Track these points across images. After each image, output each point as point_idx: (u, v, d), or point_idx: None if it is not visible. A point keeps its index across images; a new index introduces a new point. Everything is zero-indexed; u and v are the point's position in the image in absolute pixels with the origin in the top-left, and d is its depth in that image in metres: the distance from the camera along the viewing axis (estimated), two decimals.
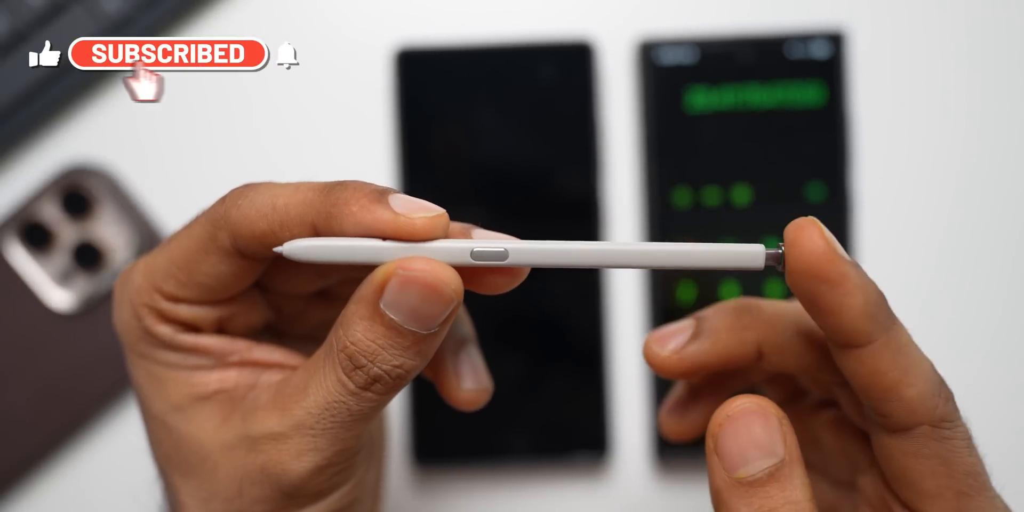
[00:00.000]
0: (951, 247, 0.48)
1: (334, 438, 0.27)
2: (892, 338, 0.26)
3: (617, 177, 0.48)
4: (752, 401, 0.27)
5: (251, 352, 0.30)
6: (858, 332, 0.26)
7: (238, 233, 0.28)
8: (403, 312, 0.26)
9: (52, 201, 0.47)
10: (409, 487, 0.48)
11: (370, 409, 0.27)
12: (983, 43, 0.48)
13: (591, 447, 0.47)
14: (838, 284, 0.26)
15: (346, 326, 0.27)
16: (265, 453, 0.28)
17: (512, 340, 0.48)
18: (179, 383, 0.30)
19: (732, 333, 0.31)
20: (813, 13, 0.48)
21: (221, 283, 0.29)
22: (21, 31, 0.46)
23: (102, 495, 0.48)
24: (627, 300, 0.48)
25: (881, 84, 0.48)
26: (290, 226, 0.27)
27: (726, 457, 0.27)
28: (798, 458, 0.27)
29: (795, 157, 0.47)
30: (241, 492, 0.29)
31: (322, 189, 0.27)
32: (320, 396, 0.27)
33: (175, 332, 0.30)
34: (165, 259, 0.29)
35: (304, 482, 0.28)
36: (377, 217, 0.26)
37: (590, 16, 0.48)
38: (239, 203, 0.28)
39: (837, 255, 0.26)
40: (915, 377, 0.26)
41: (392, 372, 0.27)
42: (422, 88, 0.47)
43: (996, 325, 0.48)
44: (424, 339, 0.27)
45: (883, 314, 0.26)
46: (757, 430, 0.26)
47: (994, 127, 0.48)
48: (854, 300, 0.26)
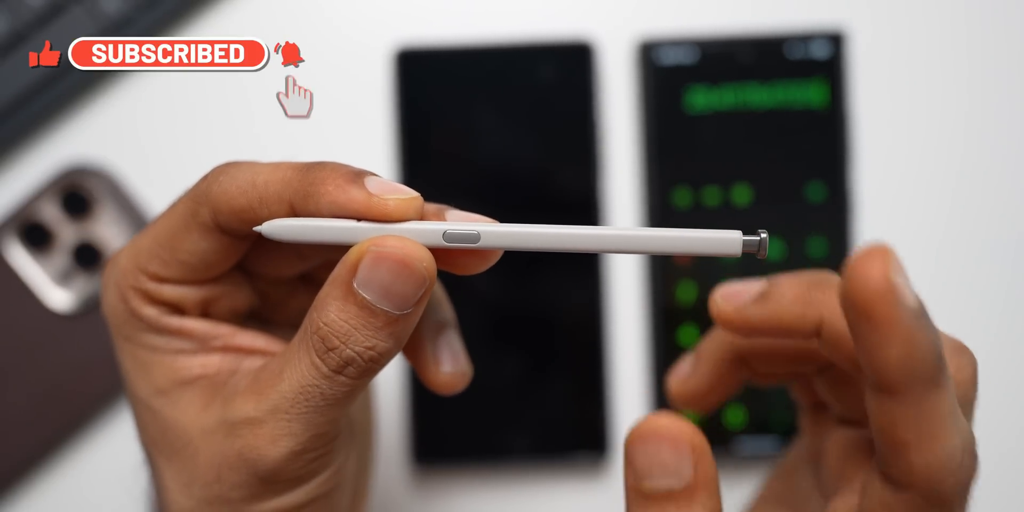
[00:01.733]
0: (951, 247, 0.48)
1: (308, 423, 0.27)
2: (924, 401, 0.24)
3: (617, 177, 0.48)
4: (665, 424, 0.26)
5: (234, 337, 0.31)
6: (886, 380, 0.24)
7: (218, 208, 0.28)
8: (375, 291, 0.26)
9: (52, 201, 0.47)
10: (409, 487, 0.48)
11: (344, 394, 0.27)
12: (983, 43, 0.48)
13: (591, 447, 0.47)
14: (882, 328, 0.24)
15: (320, 308, 0.27)
16: (242, 438, 0.28)
17: (512, 340, 0.48)
18: (163, 367, 0.30)
19: (797, 304, 0.30)
20: (813, 13, 0.48)
21: (203, 261, 0.29)
22: (21, 31, 0.46)
23: (102, 495, 0.48)
24: (627, 300, 0.48)
25: (881, 84, 0.48)
26: (268, 203, 0.27)
27: (635, 468, 0.27)
28: (706, 483, 0.26)
29: (795, 157, 0.47)
30: (220, 477, 0.29)
31: (301, 168, 0.27)
32: (294, 380, 0.27)
33: (160, 314, 0.30)
34: (149, 239, 0.29)
35: (280, 467, 0.28)
36: (351, 197, 0.26)
37: (590, 16, 0.48)
38: (220, 179, 0.28)
39: (895, 297, 0.24)
40: (931, 450, 0.25)
41: (364, 354, 0.27)
42: (422, 88, 0.47)
43: (996, 325, 0.48)
44: (397, 320, 0.26)
45: (925, 373, 0.24)
46: (665, 454, 0.26)
47: (994, 127, 0.48)
48: (892, 350, 0.24)
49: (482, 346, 0.47)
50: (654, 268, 0.47)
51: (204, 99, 0.48)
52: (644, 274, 0.48)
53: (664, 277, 0.47)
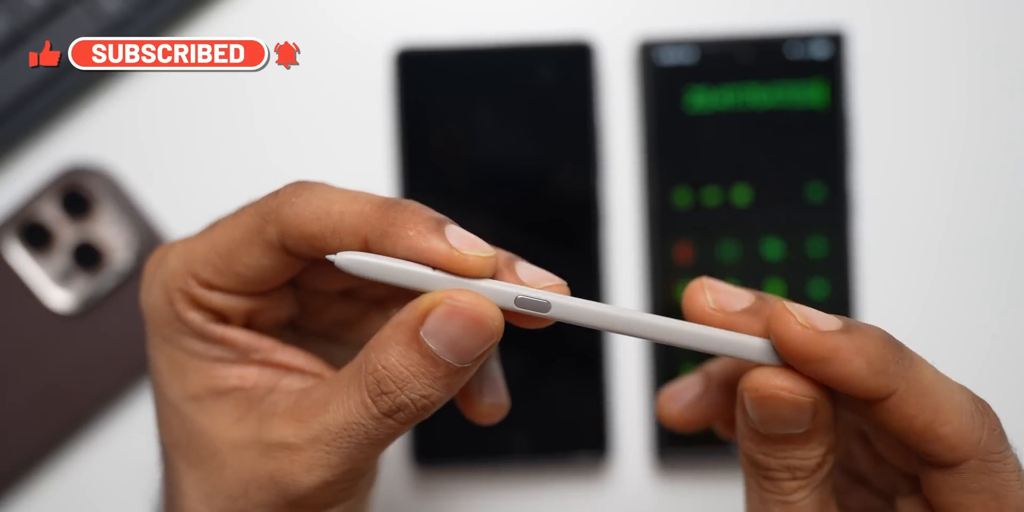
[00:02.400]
0: (951, 247, 0.48)
1: (346, 457, 0.28)
2: (913, 382, 0.26)
3: (617, 177, 0.48)
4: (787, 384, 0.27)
5: (275, 353, 0.30)
6: (873, 390, 0.26)
7: (287, 231, 0.28)
8: (442, 342, 0.26)
9: (52, 201, 0.47)
10: (409, 487, 0.48)
11: (387, 436, 0.28)
12: (983, 43, 0.48)
13: (591, 447, 0.47)
14: (832, 360, 0.25)
15: (380, 349, 0.27)
16: (276, 461, 0.28)
17: (512, 340, 0.47)
18: (199, 373, 0.30)
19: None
20: (813, 13, 0.48)
21: (260, 276, 0.29)
22: (21, 31, 0.46)
23: (102, 495, 0.48)
24: (627, 300, 0.48)
25: (881, 84, 0.48)
26: (341, 234, 0.27)
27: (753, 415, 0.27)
28: (825, 425, 0.27)
29: (795, 157, 0.47)
30: (246, 493, 0.29)
31: (380, 204, 0.27)
32: (340, 415, 0.27)
33: (205, 320, 0.30)
34: (206, 245, 0.29)
35: (310, 494, 0.28)
36: (432, 247, 0.27)
37: (590, 16, 0.48)
38: (293, 201, 0.28)
39: (817, 334, 0.26)
40: (948, 414, 0.26)
41: (418, 402, 0.27)
42: (422, 88, 0.47)
43: (997, 325, 0.48)
44: (457, 372, 0.27)
45: (894, 364, 0.26)
46: (786, 412, 0.27)
47: (994, 127, 0.48)
48: (854, 367, 0.25)
49: None
50: (654, 268, 0.47)
51: (204, 99, 0.48)
52: (644, 274, 0.48)
53: (664, 277, 0.47)
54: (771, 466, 0.28)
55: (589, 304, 0.27)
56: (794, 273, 0.47)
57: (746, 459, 0.28)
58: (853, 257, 0.47)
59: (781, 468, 0.28)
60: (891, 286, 0.48)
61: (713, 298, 0.29)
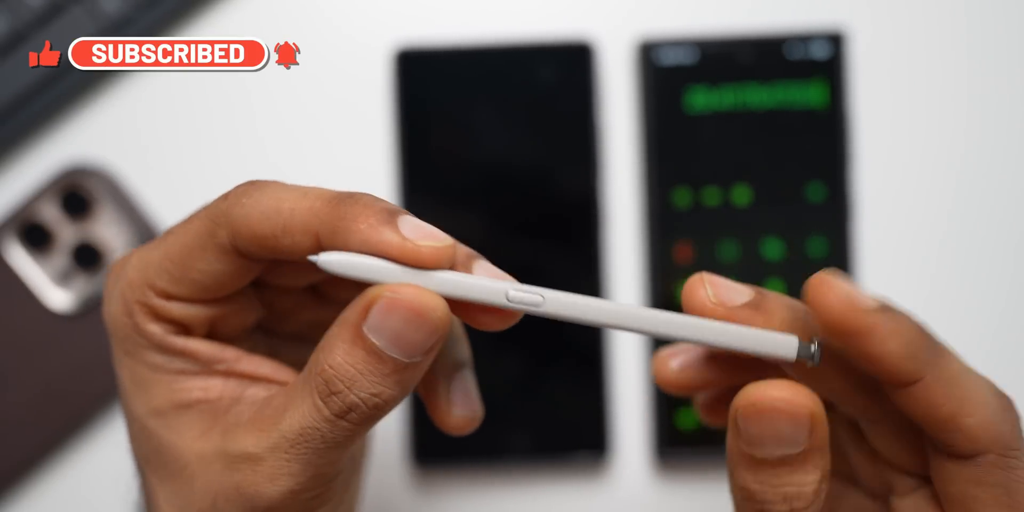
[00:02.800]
0: (951, 247, 0.48)
1: (308, 464, 0.27)
2: (942, 371, 0.25)
3: (617, 177, 0.48)
4: (785, 395, 0.26)
5: (239, 363, 0.30)
6: (903, 374, 0.25)
7: (238, 232, 0.27)
8: (386, 337, 0.25)
9: (51, 201, 0.47)
10: (409, 487, 0.48)
11: (345, 438, 0.27)
12: (983, 43, 0.48)
13: (591, 447, 0.47)
14: (868, 335, 0.25)
15: (326, 349, 0.26)
16: (240, 472, 0.27)
17: (512, 340, 0.48)
18: (162, 386, 0.29)
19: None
20: (813, 13, 0.48)
21: (216, 281, 0.28)
22: (20, 31, 0.46)
23: (102, 495, 0.48)
24: (627, 300, 0.48)
25: (881, 84, 0.48)
26: (292, 232, 0.26)
27: (746, 436, 0.26)
28: (821, 447, 0.26)
29: (795, 157, 0.47)
30: (215, 506, 0.28)
31: (331, 199, 0.26)
32: (295, 420, 0.27)
33: (165, 333, 0.29)
34: (160, 254, 0.28)
35: (277, 505, 0.27)
36: (384, 239, 0.26)
37: (590, 16, 0.48)
38: (243, 202, 0.27)
39: (859, 308, 0.25)
40: (973, 406, 0.26)
41: (369, 401, 0.26)
42: (422, 88, 0.47)
43: (996, 325, 0.48)
44: (405, 368, 0.26)
45: (926, 350, 0.25)
46: (783, 426, 0.26)
47: (994, 127, 0.48)
48: (890, 346, 0.25)
49: (482, 346, 0.47)
50: (654, 268, 0.47)
51: (204, 99, 0.48)
52: (644, 274, 0.48)
53: (664, 277, 0.47)
54: (767, 498, 0.26)
55: (583, 298, 0.26)
56: (794, 273, 0.47)
57: (739, 493, 0.27)
58: (853, 257, 0.47)
59: (778, 499, 0.26)
60: (891, 286, 0.48)
61: (713, 292, 0.28)
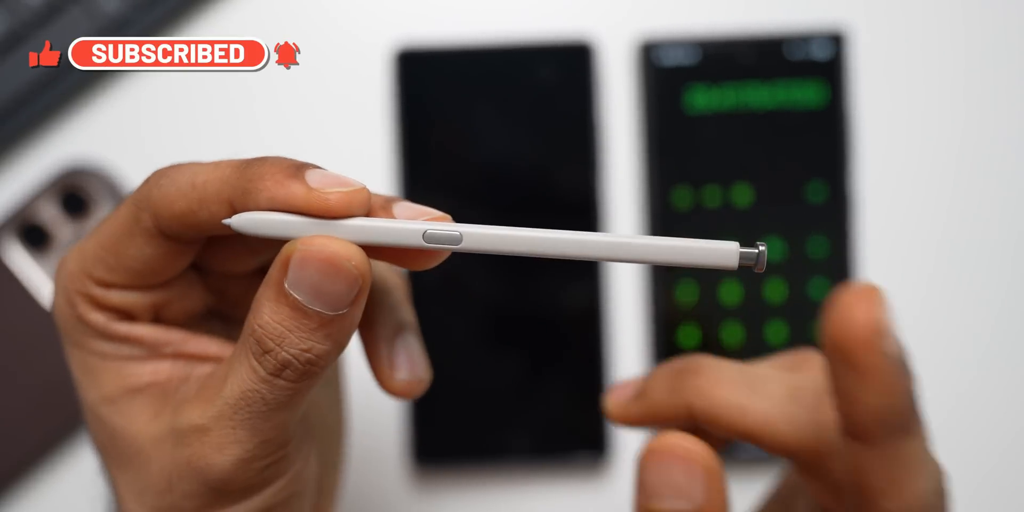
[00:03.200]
0: (951, 247, 0.48)
1: (254, 429, 0.27)
2: (898, 450, 0.24)
3: (617, 177, 0.48)
4: (681, 443, 0.27)
5: (186, 344, 0.30)
6: (860, 429, 0.24)
7: (159, 213, 0.27)
8: (306, 291, 0.25)
9: (51, 201, 0.47)
10: (409, 487, 0.48)
11: (286, 398, 0.26)
12: (983, 43, 0.48)
13: (591, 447, 0.47)
14: (863, 376, 0.23)
15: (255, 310, 0.26)
16: (190, 446, 0.27)
17: (512, 340, 0.48)
18: (112, 374, 0.29)
19: (664, 395, 0.30)
20: (813, 13, 0.48)
21: (149, 267, 0.28)
22: (20, 31, 0.46)
23: (102, 495, 0.48)
24: (627, 300, 0.48)
25: (881, 84, 0.48)
26: (208, 203, 0.26)
27: (645, 486, 0.27)
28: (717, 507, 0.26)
29: (795, 157, 0.47)
30: (171, 486, 0.28)
31: (240, 165, 0.26)
32: (236, 385, 0.26)
33: (108, 320, 0.29)
34: (94, 243, 0.28)
35: (229, 476, 0.27)
36: (290, 192, 0.25)
37: (590, 16, 0.48)
38: (160, 182, 0.27)
39: (878, 344, 0.23)
40: (901, 495, 0.24)
41: (300, 356, 0.26)
42: (422, 88, 0.47)
43: (996, 325, 0.48)
44: (332, 321, 0.26)
45: (900, 423, 0.24)
46: (677, 474, 0.26)
47: (994, 127, 0.48)
48: (871, 398, 0.23)
49: (482, 346, 0.47)
50: (654, 268, 0.47)
51: (204, 99, 0.48)
52: (644, 274, 0.48)
53: (664, 277, 0.47)
54: None
55: (504, 229, 0.26)
56: (794, 273, 0.47)
57: None
58: (853, 257, 0.47)
59: None
60: (891, 286, 0.48)
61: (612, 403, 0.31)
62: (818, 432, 0.28)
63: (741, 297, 0.47)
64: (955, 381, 0.48)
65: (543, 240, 0.26)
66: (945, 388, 0.48)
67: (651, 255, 0.25)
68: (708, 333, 0.47)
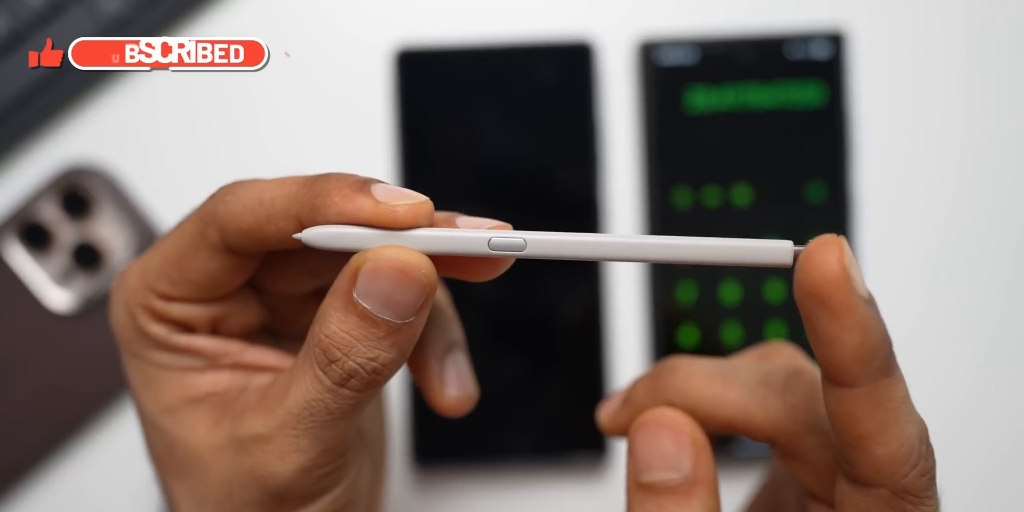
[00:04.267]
0: (951, 247, 0.48)
1: (316, 438, 0.27)
2: (880, 389, 0.25)
3: (617, 177, 0.48)
4: (668, 415, 0.28)
5: (244, 354, 0.30)
6: (843, 371, 0.25)
7: (226, 228, 0.28)
8: (375, 300, 0.26)
9: (51, 201, 0.47)
10: (409, 487, 0.48)
11: (349, 407, 0.27)
12: (983, 43, 0.48)
13: (591, 447, 0.47)
14: (838, 315, 0.24)
15: (321, 320, 0.26)
16: (251, 455, 0.28)
17: (512, 340, 0.48)
18: (171, 384, 0.30)
19: (646, 398, 0.31)
20: (813, 13, 0.48)
21: (212, 280, 0.29)
22: (20, 31, 0.46)
23: (102, 495, 0.48)
24: (627, 300, 0.48)
25: (881, 84, 0.48)
26: (276, 219, 0.27)
27: (635, 459, 0.28)
28: (705, 482, 0.27)
29: (795, 157, 0.47)
30: (231, 495, 0.28)
31: (306, 182, 0.27)
32: (299, 395, 0.27)
33: (169, 332, 0.29)
34: (158, 257, 0.29)
35: (290, 484, 0.28)
36: (358, 206, 0.26)
37: (590, 16, 0.48)
38: (227, 199, 0.28)
39: (850, 285, 0.24)
40: (890, 437, 0.25)
41: (367, 365, 0.26)
42: (422, 88, 0.47)
43: (996, 325, 0.48)
44: (399, 329, 0.26)
45: (879, 362, 0.25)
46: (666, 443, 0.28)
47: (994, 127, 0.48)
48: (850, 338, 0.24)
49: (482, 347, 0.47)
50: (654, 268, 0.47)
51: (204, 99, 0.48)
52: (644, 274, 0.48)
53: (664, 277, 0.47)
54: None
55: (566, 235, 0.26)
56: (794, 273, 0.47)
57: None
58: (853, 257, 0.47)
59: None
60: (891, 286, 0.48)
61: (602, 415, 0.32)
62: (791, 413, 0.29)
63: (741, 297, 0.47)
64: (955, 381, 0.48)
65: (605, 245, 0.26)
66: (945, 388, 0.48)
67: (708, 256, 0.26)
68: (708, 333, 0.47)
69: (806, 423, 0.28)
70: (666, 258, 0.26)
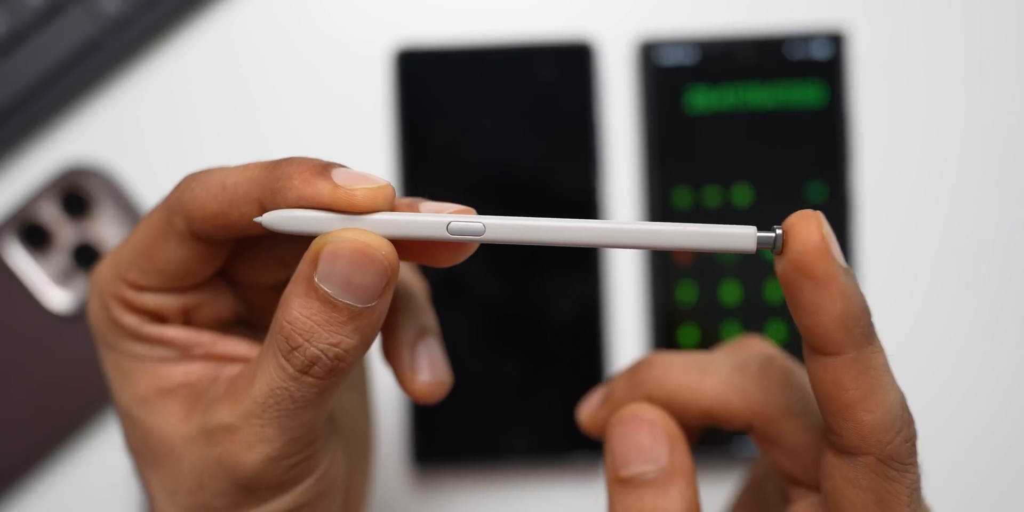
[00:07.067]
0: (951, 247, 0.48)
1: (281, 427, 0.27)
2: (863, 357, 0.25)
3: (617, 177, 0.48)
4: (644, 409, 0.29)
5: (216, 345, 0.30)
6: (828, 339, 0.25)
7: (191, 216, 0.28)
8: (336, 284, 0.25)
9: (51, 201, 0.47)
10: (409, 487, 0.48)
11: (314, 395, 0.27)
12: (983, 43, 0.48)
13: (591, 447, 0.47)
14: (822, 284, 0.25)
15: (283, 307, 0.26)
16: (220, 445, 0.28)
17: (511, 340, 0.48)
18: (145, 375, 0.30)
19: (625, 393, 0.31)
20: (813, 13, 0.48)
21: (182, 269, 0.29)
22: (20, 31, 0.46)
23: (102, 495, 0.48)
24: (627, 300, 0.48)
25: (881, 84, 0.48)
26: (239, 204, 0.27)
27: (613, 455, 0.29)
28: (682, 473, 0.28)
29: (795, 157, 0.47)
30: (202, 485, 0.28)
31: (268, 166, 0.27)
32: (264, 383, 0.27)
33: (141, 322, 0.29)
34: (128, 248, 0.29)
35: (258, 474, 0.28)
36: (317, 190, 0.26)
37: (590, 16, 0.48)
38: (191, 186, 0.28)
39: (830, 255, 0.25)
40: (876, 404, 0.25)
41: (329, 351, 0.26)
42: (422, 88, 0.47)
43: (995, 325, 0.48)
44: (361, 314, 0.26)
45: (861, 330, 0.25)
46: (642, 437, 0.28)
47: (993, 127, 0.48)
48: (833, 305, 0.25)
49: (481, 346, 0.47)
50: (654, 268, 0.47)
51: (204, 99, 0.48)
52: (644, 274, 0.48)
53: (664, 277, 0.47)
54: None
55: (525, 220, 0.26)
56: None
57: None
58: (853, 257, 0.47)
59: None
60: (891, 286, 0.48)
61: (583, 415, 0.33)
62: (767, 397, 0.29)
63: (741, 297, 0.47)
64: (955, 381, 0.48)
65: (564, 229, 0.26)
66: (945, 388, 0.48)
67: (671, 241, 0.26)
68: (708, 333, 0.47)
69: (782, 406, 0.29)
70: (628, 243, 0.26)
